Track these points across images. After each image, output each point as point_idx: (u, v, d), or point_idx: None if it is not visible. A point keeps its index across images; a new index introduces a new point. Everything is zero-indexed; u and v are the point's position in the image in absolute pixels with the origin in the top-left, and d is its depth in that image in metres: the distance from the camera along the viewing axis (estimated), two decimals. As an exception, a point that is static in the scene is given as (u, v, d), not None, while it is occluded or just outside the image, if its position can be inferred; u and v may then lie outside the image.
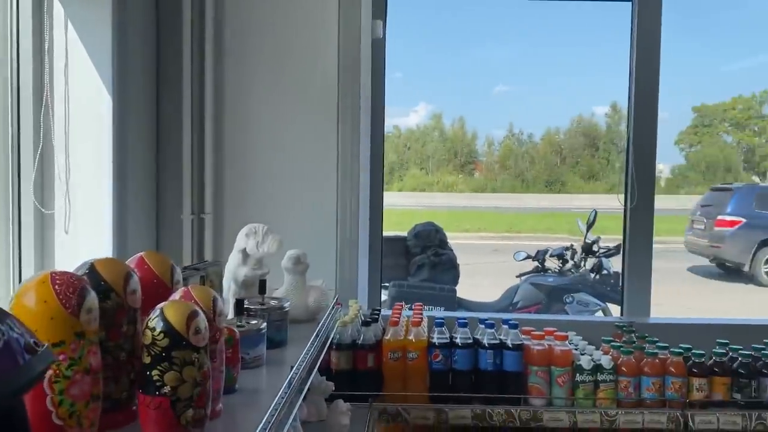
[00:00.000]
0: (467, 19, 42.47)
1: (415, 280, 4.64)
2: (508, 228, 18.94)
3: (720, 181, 37.69)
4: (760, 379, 1.98)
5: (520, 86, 47.54)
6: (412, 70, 42.35)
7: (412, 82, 44.84)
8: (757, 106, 37.66)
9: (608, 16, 2.82)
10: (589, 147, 36.26)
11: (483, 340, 2.00)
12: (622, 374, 1.97)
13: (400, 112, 48.55)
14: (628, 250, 2.68)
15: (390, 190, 34.67)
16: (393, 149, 38.94)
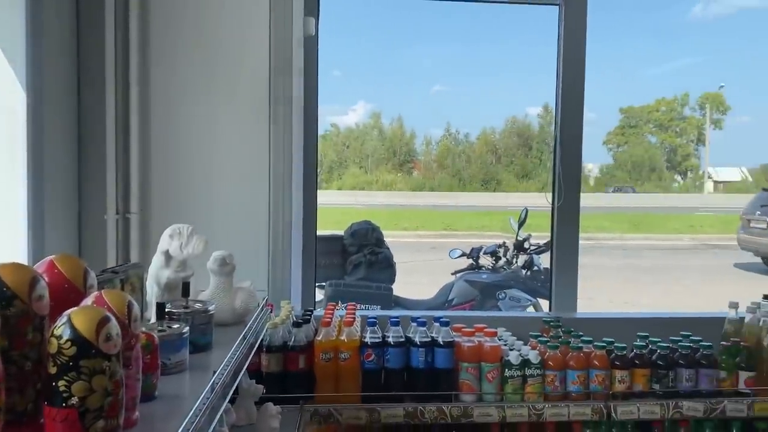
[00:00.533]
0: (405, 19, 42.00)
1: (352, 279, 4.64)
2: (445, 226, 19.24)
3: (645, 179, 39.27)
4: (677, 370, 2.07)
5: (457, 86, 47.77)
6: (351, 68, 41.12)
7: (351, 81, 43.96)
8: (679, 108, 39.54)
9: (540, 19, 2.90)
10: (523, 147, 37.19)
11: (415, 338, 2.02)
12: (549, 368, 2.02)
13: (339, 111, 47.09)
14: (555, 247, 2.76)
15: (329, 189, 34.54)
16: (332, 148, 38.81)
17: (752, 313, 2.20)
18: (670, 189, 33.36)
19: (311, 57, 2.65)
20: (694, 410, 2.03)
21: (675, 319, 2.65)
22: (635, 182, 32.78)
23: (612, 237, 17.38)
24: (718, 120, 35.58)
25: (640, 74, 45.12)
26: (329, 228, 12.44)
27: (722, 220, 20.57)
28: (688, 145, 36.33)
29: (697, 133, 35.18)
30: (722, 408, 2.04)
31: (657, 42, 44.83)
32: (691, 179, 35.44)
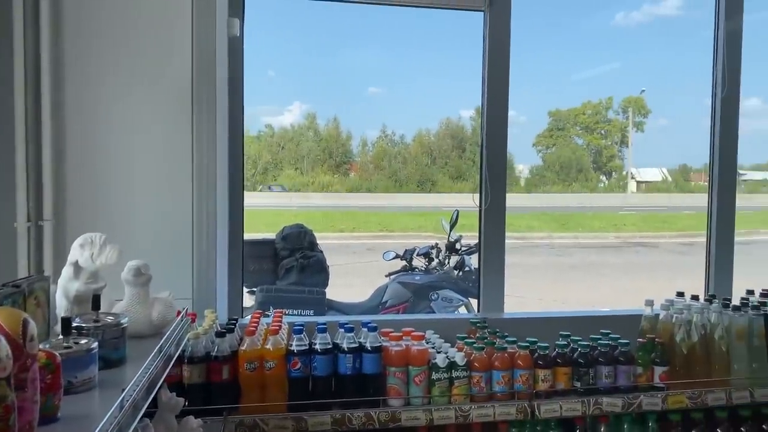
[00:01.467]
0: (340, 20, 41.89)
1: (284, 284, 4.57)
2: (382, 227, 19.33)
3: (573, 180, 40.57)
4: (596, 367, 2.14)
5: (392, 88, 48.19)
6: (285, 69, 40.68)
7: (286, 81, 43.50)
8: (604, 111, 41.22)
9: (471, 23, 2.95)
10: (457, 148, 37.86)
11: (342, 344, 2.00)
12: (475, 370, 2.04)
13: (274, 111, 46.52)
14: (483, 248, 2.81)
15: (264, 191, 33.84)
16: (267, 149, 38.30)
17: (666, 310, 2.31)
18: (596, 189, 34.70)
19: (236, 58, 2.60)
20: (613, 406, 2.10)
21: (596, 318, 2.74)
22: (563, 183, 33.94)
23: (541, 236, 17.93)
24: (639, 123, 37.31)
25: (568, 79, 46.69)
26: (264, 230, 12.29)
27: (644, 219, 21.60)
28: (612, 147, 37.95)
29: (621, 136, 36.80)
30: (639, 402, 2.12)
31: (583, 48, 46.55)
32: (615, 180, 36.99)
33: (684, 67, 35.11)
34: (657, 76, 47.46)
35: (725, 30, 2.93)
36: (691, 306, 2.27)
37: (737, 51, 2.95)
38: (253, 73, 2.25)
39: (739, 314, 2.26)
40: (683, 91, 35.30)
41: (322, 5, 2.77)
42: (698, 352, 2.21)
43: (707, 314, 2.26)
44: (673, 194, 29.98)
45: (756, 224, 19.62)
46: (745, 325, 2.25)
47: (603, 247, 16.35)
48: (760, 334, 2.26)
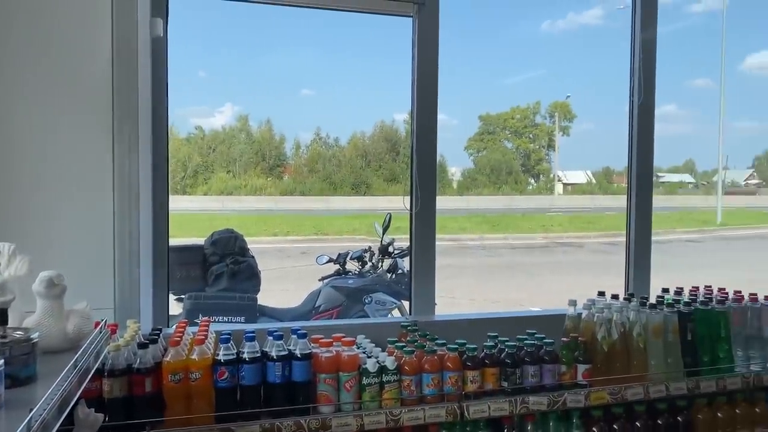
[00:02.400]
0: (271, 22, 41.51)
1: (214, 290, 4.46)
2: (316, 230, 19.21)
3: (503, 182, 41.65)
4: (523, 367, 2.19)
5: (326, 90, 47.92)
6: (217, 69, 39.91)
7: (218, 82, 42.58)
8: (532, 115, 42.49)
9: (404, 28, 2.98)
10: (391, 151, 38.06)
11: (271, 352, 1.96)
12: (405, 373, 2.05)
13: (204, 113, 45.55)
14: (414, 251, 2.83)
15: (194, 194, 33.11)
16: (198, 151, 37.23)
17: (588, 310, 2.39)
18: (525, 191, 35.82)
19: (160, 59, 2.52)
20: (539, 404, 2.16)
21: (523, 318, 2.81)
22: (494, 185, 34.82)
23: (473, 237, 18.30)
24: (565, 127, 38.83)
25: (496, 84, 48.00)
26: (195, 234, 11.96)
27: (570, 220, 22.41)
28: (540, 151, 39.30)
29: (548, 139, 38.17)
30: (563, 400, 2.18)
31: (511, 54, 47.95)
32: (543, 182, 38.31)
33: (606, 74, 36.76)
34: (581, 82, 49.47)
35: (641, 40, 3.08)
36: (611, 305, 2.36)
37: (652, 60, 3.10)
38: (182, 73, 2.17)
39: (655, 312, 2.36)
40: (606, 96, 37.01)
41: (252, 6, 2.72)
42: (618, 349, 2.30)
43: (626, 313, 2.36)
44: (597, 196, 31.34)
45: (673, 224, 20.73)
46: (661, 322, 2.36)
47: (532, 247, 16.85)
48: (674, 330, 2.38)
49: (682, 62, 45.74)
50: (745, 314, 2.51)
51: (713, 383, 2.38)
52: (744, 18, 50.57)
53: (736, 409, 2.44)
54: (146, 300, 2.45)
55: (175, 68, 2.60)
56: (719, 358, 2.44)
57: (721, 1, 33.16)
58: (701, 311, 2.44)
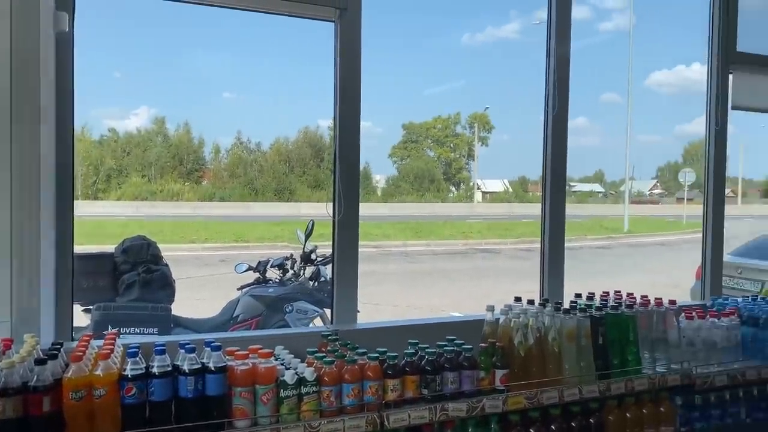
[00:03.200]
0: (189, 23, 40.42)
1: (124, 300, 4.24)
2: (237, 237, 18.77)
3: (426, 190, 42.46)
4: (443, 374, 2.19)
5: (248, 94, 47.16)
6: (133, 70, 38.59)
7: (133, 83, 41.08)
8: (452, 125, 43.56)
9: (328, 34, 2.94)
10: (315, 157, 37.86)
11: (183, 366, 1.87)
12: (325, 384, 2.01)
13: (118, 114, 43.88)
14: (336, 259, 2.79)
15: (107, 199, 31.69)
16: (110, 154, 35.69)
17: (505, 315, 2.43)
18: (446, 199, 36.60)
19: (65, 55, 2.36)
20: (458, 411, 2.17)
21: (444, 324, 2.84)
22: (417, 193, 35.38)
23: (396, 244, 18.45)
24: (484, 137, 40.10)
25: (420, 94, 48.90)
26: (106, 241, 11.38)
27: (489, 227, 23.05)
28: (460, 160, 40.34)
29: (468, 149, 39.25)
30: (482, 405, 2.20)
31: (434, 64, 48.99)
32: (463, 190, 39.31)
33: (522, 87, 38.23)
34: (499, 94, 51.19)
35: (555, 55, 3.19)
36: (527, 310, 2.42)
37: (566, 74, 3.21)
38: (95, 74, 2.04)
39: (569, 317, 2.44)
40: (521, 108, 38.47)
41: (168, 5, 2.61)
42: (534, 353, 2.35)
43: (541, 318, 2.42)
44: (514, 204, 32.47)
45: (584, 231, 21.72)
46: (574, 326, 2.43)
47: (453, 253, 17.18)
48: (586, 335, 2.46)
49: (593, 77, 48.24)
50: (651, 318, 2.63)
51: (623, 385, 2.47)
52: (649, 37, 53.96)
53: (643, 409, 2.55)
54: (48, 312, 2.28)
55: (88, 68, 2.47)
56: (628, 360, 2.54)
57: (629, 20, 35.19)
58: (611, 316, 2.53)
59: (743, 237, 9.26)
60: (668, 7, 48.91)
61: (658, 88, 56.95)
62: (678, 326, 2.68)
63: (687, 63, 55.15)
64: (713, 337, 2.74)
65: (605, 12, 51.54)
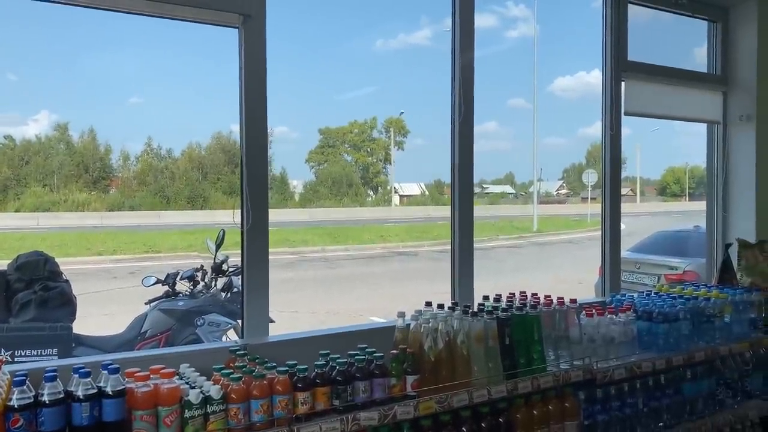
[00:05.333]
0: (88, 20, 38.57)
1: (19, 321, 3.96)
2: (147, 248, 18.02)
3: (344, 194, 42.44)
4: (354, 383, 2.18)
5: (157, 99, 45.57)
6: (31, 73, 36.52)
7: (31, 87, 38.82)
8: (369, 130, 43.82)
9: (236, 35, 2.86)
10: (230, 163, 37.02)
11: (77, 392, 1.76)
12: (232, 402, 1.94)
13: (15, 120, 41.42)
14: (246, 270, 2.72)
15: (4, 211, 29.73)
16: (7, 163, 33.50)
17: (416, 320, 2.45)
18: (364, 203, 36.76)
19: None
20: (370, 419, 2.16)
21: (356, 332, 2.83)
22: (335, 197, 35.31)
23: (315, 249, 18.33)
24: (400, 142, 40.63)
25: (335, 99, 48.96)
26: (2, 257, 10.62)
27: (406, 230, 23.34)
28: (378, 164, 40.66)
29: (385, 153, 39.63)
30: (394, 413, 2.20)
31: (349, 70, 49.20)
32: (381, 194, 39.64)
33: (435, 92, 39.01)
34: (413, 99, 52.04)
35: (460, 62, 3.26)
36: (437, 315, 2.45)
37: (470, 81, 3.29)
38: None
39: (477, 319, 2.49)
40: (435, 113, 39.25)
41: (65, 7, 2.47)
42: (444, 357, 2.38)
43: (450, 321, 2.45)
44: (430, 206, 33.09)
45: (496, 231, 22.43)
46: (482, 329, 2.48)
47: (371, 257, 17.26)
48: (493, 336, 2.52)
49: (501, 83, 49.96)
50: (554, 317, 2.73)
51: (529, 383, 2.55)
52: (552, 45, 56.55)
53: (549, 405, 2.64)
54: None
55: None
56: (534, 359, 2.62)
57: (533, 29, 36.64)
58: (517, 317, 2.61)
59: (642, 233, 9.87)
60: (569, 17, 51.52)
61: (562, 93, 59.93)
62: (579, 324, 2.80)
63: (587, 69, 58.31)
64: (611, 332, 2.88)
65: (511, 20, 53.62)
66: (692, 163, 48.24)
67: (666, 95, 4.20)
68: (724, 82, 4.44)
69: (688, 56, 4.57)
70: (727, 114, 4.46)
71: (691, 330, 3.14)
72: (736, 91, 4.41)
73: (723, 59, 4.46)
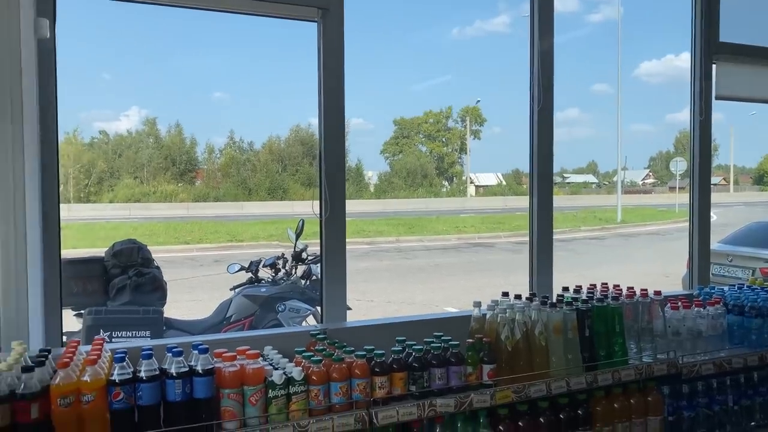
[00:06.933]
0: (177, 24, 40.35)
1: (116, 304, 4.24)
2: (231, 237, 18.75)
3: (419, 185, 42.30)
4: (430, 370, 2.21)
5: (239, 94, 47.09)
6: (122, 72, 38.56)
7: (123, 85, 41.00)
8: (444, 120, 43.44)
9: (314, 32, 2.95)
10: (308, 155, 37.75)
11: (171, 369, 1.88)
12: (313, 383, 2.02)
13: (109, 116, 43.93)
14: (325, 258, 2.80)
15: (100, 202, 31.56)
16: (102, 157, 35.50)
17: (492, 310, 2.45)
18: (439, 194, 36.61)
19: (48, 61, 2.36)
20: (446, 406, 2.18)
21: (432, 321, 2.84)
22: (410, 188, 35.36)
23: (390, 240, 18.46)
24: (476, 131, 40.11)
25: (410, 89, 48.89)
26: (100, 245, 11.31)
27: (482, 220, 23.07)
28: (453, 154, 40.33)
29: (460, 143, 39.26)
30: (470, 401, 2.22)
31: (422, 60, 48.98)
32: (456, 184, 39.33)
33: (513, 79, 38.24)
34: (490, 87, 51.19)
35: (539, 49, 3.20)
36: (513, 305, 2.43)
37: (550, 68, 3.22)
38: (84, 76, 2.01)
39: (555, 310, 2.45)
40: (513, 101, 38.53)
41: (155, 8, 2.61)
42: (521, 347, 2.37)
43: (528, 312, 2.43)
44: (508, 197, 32.53)
45: (578, 222, 21.78)
46: (561, 320, 2.45)
47: (446, 248, 17.20)
48: (573, 328, 2.48)
49: (583, 68, 48.22)
50: (637, 309, 2.65)
51: (609, 376, 2.49)
52: (637, 27, 54.03)
53: (631, 399, 2.58)
54: (36, 318, 2.28)
55: (76, 71, 2.47)
56: (614, 351, 2.56)
57: (617, 11, 35.21)
58: (597, 308, 2.55)
59: (736, 224, 9.32)
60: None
61: (648, 78, 57.15)
62: (663, 316, 2.70)
63: (676, 52, 55.39)
64: (698, 326, 2.76)
65: (593, 3, 51.59)
66: (792, 150, 44.98)
67: (761, 77, 3.94)
68: (828, 61, 4.12)
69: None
70: (832, 96, 4.14)
71: (788, 326, 2.96)
72: (843, 71, 4.08)
73: (827, 37, 4.13)
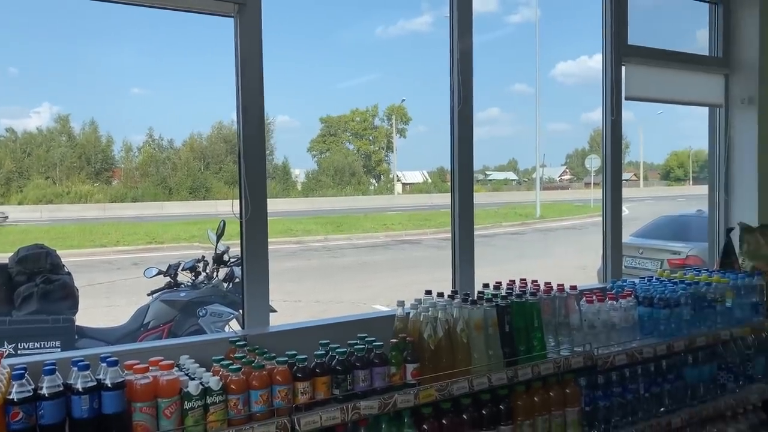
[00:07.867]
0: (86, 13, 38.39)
1: (22, 314, 3.98)
2: (150, 239, 18.05)
3: (346, 183, 42.26)
4: (354, 372, 2.18)
5: (158, 90, 45.44)
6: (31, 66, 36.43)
7: (32, 80, 38.72)
8: (370, 118, 43.57)
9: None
10: (231, 153, 36.86)
11: (77, 384, 1.76)
12: (232, 392, 1.95)
13: (16, 113, 41.37)
14: (245, 261, 2.72)
15: (7, 203, 29.66)
16: (9, 155, 33.36)
17: (415, 309, 2.45)
18: (367, 192, 36.71)
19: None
20: (370, 408, 2.16)
21: (357, 321, 2.82)
22: (337, 186, 35.27)
23: (317, 239, 18.33)
24: (402, 129, 40.52)
25: (336, 87, 48.81)
26: (4, 250, 10.64)
27: (409, 218, 23.32)
28: (380, 152, 40.58)
29: (387, 141, 39.55)
30: (394, 401, 2.21)
31: (347, 58, 49.02)
32: (384, 182, 39.59)
33: (436, 78, 38.80)
34: (414, 86, 51.84)
35: (458, 49, 3.23)
36: (436, 303, 2.44)
37: (469, 68, 3.26)
38: None
39: (476, 308, 2.48)
40: (437, 99, 39.10)
41: None
42: (444, 346, 2.38)
43: (450, 310, 2.45)
44: (433, 194, 33.04)
45: (499, 218, 22.38)
46: (481, 316, 2.48)
47: (374, 246, 17.25)
48: (493, 324, 2.52)
49: (504, 68, 49.65)
50: (554, 304, 2.73)
51: (529, 370, 2.55)
52: (554, 29, 56.21)
53: (550, 392, 2.65)
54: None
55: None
56: (534, 346, 2.62)
57: (534, 12, 36.41)
58: (516, 304, 2.61)
59: (646, 218, 9.84)
60: (570, 0, 51.14)
61: (564, 79, 59.58)
62: (579, 310, 2.79)
63: (589, 54, 57.99)
64: (612, 318, 2.87)
65: (512, 4, 53.20)
66: (696, 147, 48.06)
67: (667, 79, 4.16)
68: (726, 64, 4.40)
69: (690, 39, 4.53)
70: (729, 97, 4.42)
71: (693, 315, 3.14)
72: (738, 73, 4.37)
73: (725, 42, 4.41)
